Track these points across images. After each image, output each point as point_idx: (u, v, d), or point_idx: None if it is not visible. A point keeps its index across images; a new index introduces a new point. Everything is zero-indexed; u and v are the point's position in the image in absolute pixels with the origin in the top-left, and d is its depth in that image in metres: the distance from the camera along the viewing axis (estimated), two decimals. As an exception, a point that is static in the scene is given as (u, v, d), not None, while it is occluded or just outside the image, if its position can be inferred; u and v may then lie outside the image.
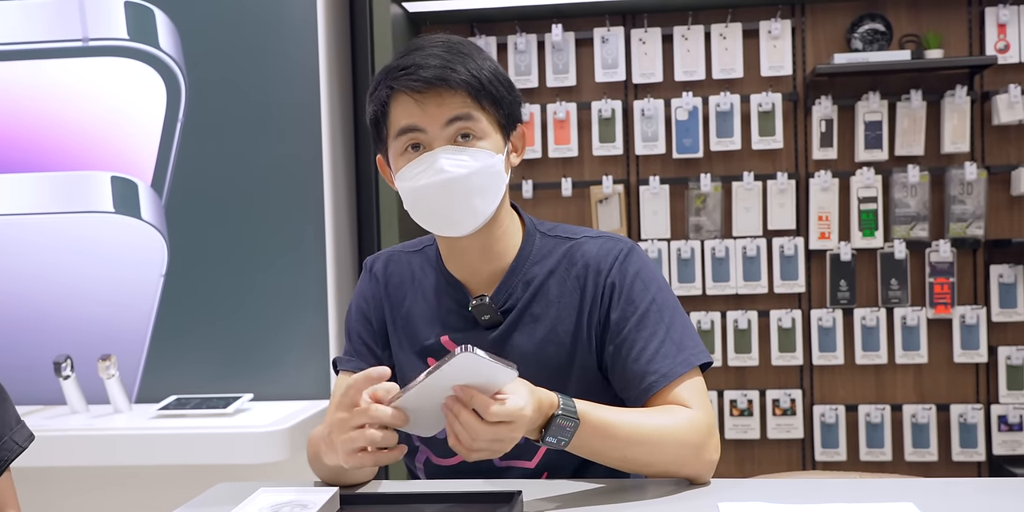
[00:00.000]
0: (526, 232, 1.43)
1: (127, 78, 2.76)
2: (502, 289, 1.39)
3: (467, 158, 1.29)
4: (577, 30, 3.52)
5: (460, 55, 1.30)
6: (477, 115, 1.30)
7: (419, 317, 1.42)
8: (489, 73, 1.31)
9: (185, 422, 2.46)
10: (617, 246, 1.39)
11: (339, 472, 1.28)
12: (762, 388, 3.48)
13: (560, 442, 1.18)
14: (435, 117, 1.28)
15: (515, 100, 1.36)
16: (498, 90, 1.31)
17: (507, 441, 1.12)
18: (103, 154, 2.79)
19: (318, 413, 2.60)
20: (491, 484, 1.31)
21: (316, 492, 1.13)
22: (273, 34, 2.72)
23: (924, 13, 3.43)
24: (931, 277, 3.42)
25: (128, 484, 2.67)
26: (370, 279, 1.49)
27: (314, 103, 2.71)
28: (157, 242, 2.78)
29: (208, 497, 1.31)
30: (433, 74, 1.27)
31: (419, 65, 1.28)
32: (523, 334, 1.37)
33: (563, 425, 1.17)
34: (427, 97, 1.28)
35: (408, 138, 1.30)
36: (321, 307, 2.70)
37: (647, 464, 1.27)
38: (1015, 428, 3.38)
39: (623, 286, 1.36)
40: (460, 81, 1.28)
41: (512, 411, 1.09)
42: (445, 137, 1.29)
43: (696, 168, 3.53)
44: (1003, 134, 3.42)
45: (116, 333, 2.77)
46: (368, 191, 2.95)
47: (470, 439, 1.10)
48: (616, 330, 1.35)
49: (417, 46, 1.32)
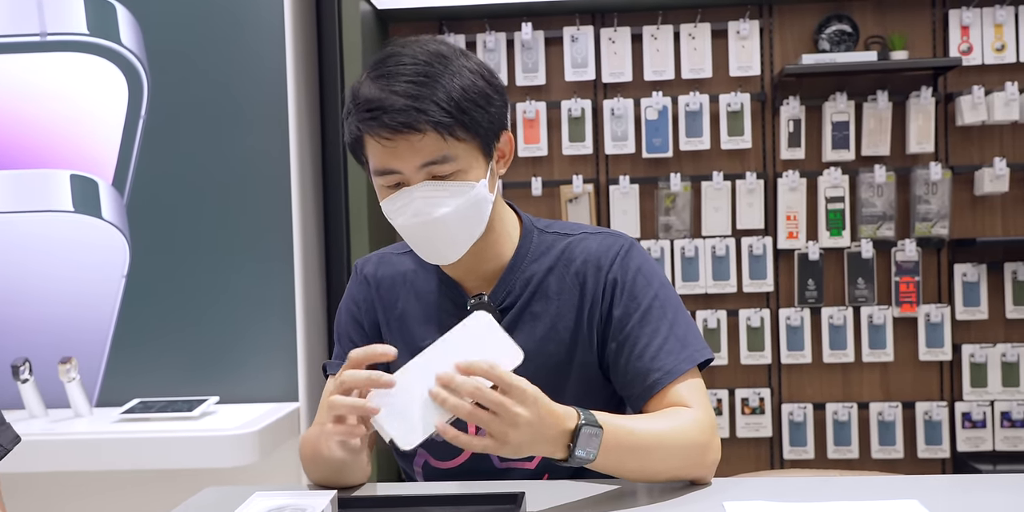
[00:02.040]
0: (523, 230, 1.41)
1: (87, 74, 2.70)
2: (500, 287, 1.36)
3: (446, 195, 1.25)
4: (547, 29, 3.50)
5: (429, 83, 1.22)
6: (453, 152, 1.24)
7: (413, 318, 1.39)
8: (460, 97, 1.23)
9: (150, 426, 2.40)
10: (618, 242, 1.37)
11: (335, 473, 1.25)
12: (731, 387, 3.49)
13: (589, 454, 1.14)
14: (408, 160, 1.23)
15: (495, 115, 1.29)
16: (472, 116, 1.24)
17: (509, 420, 1.07)
18: (62, 152, 2.71)
19: (288, 415, 2.55)
20: (492, 486, 1.28)
21: (314, 495, 1.09)
22: (239, 30, 2.66)
23: (889, 14, 3.46)
24: (897, 276, 3.45)
25: (90, 491, 2.60)
26: (361, 282, 1.46)
27: (281, 101, 2.66)
28: (118, 242, 2.71)
29: (197, 503, 1.26)
30: (399, 121, 1.21)
31: (383, 108, 1.21)
32: (523, 332, 1.35)
33: (590, 434, 1.13)
34: (397, 142, 1.23)
35: (386, 179, 1.27)
36: (288, 308, 2.66)
37: (660, 471, 1.24)
38: (978, 425, 3.43)
39: (625, 282, 1.34)
40: (429, 123, 1.21)
41: (510, 378, 1.07)
42: (422, 176, 1.25)
43: (666, 168, 3.52)
44: (967, 135, 3.47)
45: (76, 335, 2.70)
46: (336, 191, 2.91)
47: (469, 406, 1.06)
48: (619, 327, 1.33)
49: (384, 72, 1.24)
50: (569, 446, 1.13)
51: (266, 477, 2.61)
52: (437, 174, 1.25)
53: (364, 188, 2.92)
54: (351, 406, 1.10)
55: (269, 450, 2.40)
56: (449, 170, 1.25)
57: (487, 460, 1.38)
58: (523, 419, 1.08)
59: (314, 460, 1.29)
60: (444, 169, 1.25)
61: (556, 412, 1.12)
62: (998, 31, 3.39)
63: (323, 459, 1.25)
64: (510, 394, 1.08)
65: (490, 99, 1.28)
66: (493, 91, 1.29)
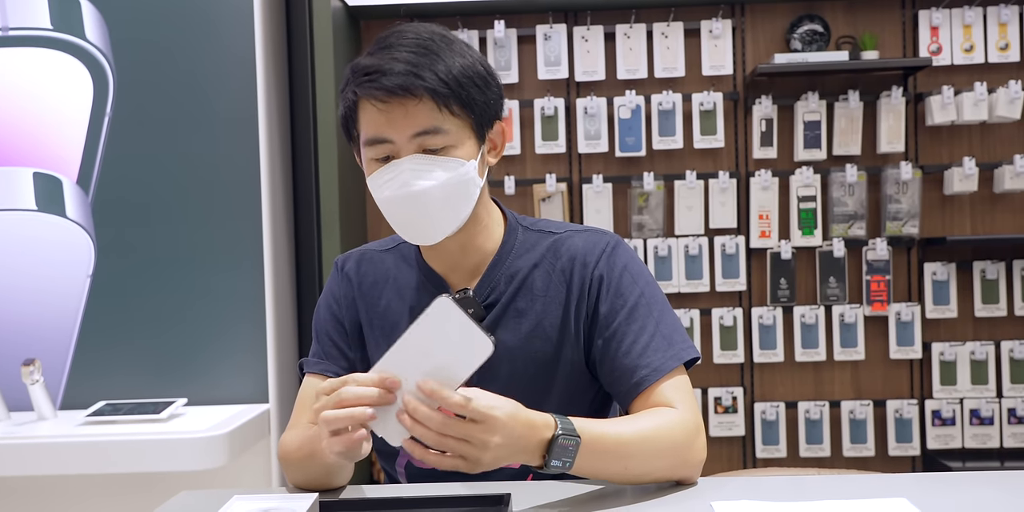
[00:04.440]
0: (508, 226, 1.40)
1: (50, 70, 2.64)
2: (484, 283, 1.34)
3: (435, 168, 1.24)
4: (519, 27, 3.48)
5: (429, 55, 1.23)
6: (446, 126, 1.24)
7: (397, 315, 1.37)
8: (459, 73, 1.24)
9: (116, 429, 2.35)
10: (603, 239, 1.37)
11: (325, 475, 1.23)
12: (704, 386, 3.48)
13: (565, 464, 1.12)
14: (401, 128, 1.23)
15: (491, 99, 1.29)
16: (469, 93, 1.25)
17: (479, 445, 1.05)
18: (25, 149, 2.66)
19: (258, 417, 2.51)
20: (477, 487, 1.25)
21: (295, 499, 1.06)
22: (207, 26, 2.62)
23: (860, 15, 3.48)
24: (868, 275, 3.47)
25: (54, 495, 2.54)
26: (341, 279, 1.43)
27: (251, 97, 2.62)
28: (83, 241, 2.65)
29: (173, 507, 1.22)
30: (396, 82, 1.21)
31: (382, 71, 1.21)
32: (508, 329, 1.33)
33: (565, 445, 1.11)
34: (392, 107, 1.22)
35: (376, 150, 1.25)
36: (258, 308, 2.61)
37: (645, 473, 1.23)
38: (948, 423, 3.45)
39: (611, 279, 1.32)
40: (425, 89, 1.21)
41: (479, 407, 1.04)
42: (412, 148, 1.24)
43: (639, 167, 3.52)
44: (936, 134, 3.49)
45: (39, 335, 2.64)
46: (307, 189, 2.87)
47: (436, 435, 1.03)
48: (605, 323, 1.31)
49: (386, 44, 1.25)
50: (543, 457, 1.11)
51: (235, 480, 2.57)
52: (428, 146, 1.24)
53: (335, 187, 2.88)
54: (347, 417, 1.05)
55: (239, 452, 2.35)
56: (440, 143, 1.24)
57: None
58: (494, 443, 1.06)
59: (306, 464, 1.25)
60: (435, 141, 1.24)
61: (534, 422, 1.10)
62: (967, 32, 3.41)
63: (318, 462, 1.21)
64: (484, 423, 1.05)
65: (488, 83, 1.29)
66: (491, 78, 1.30)
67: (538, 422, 1.11)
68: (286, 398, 2.70)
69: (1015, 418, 3.43)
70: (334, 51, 2.93)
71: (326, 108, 2.88)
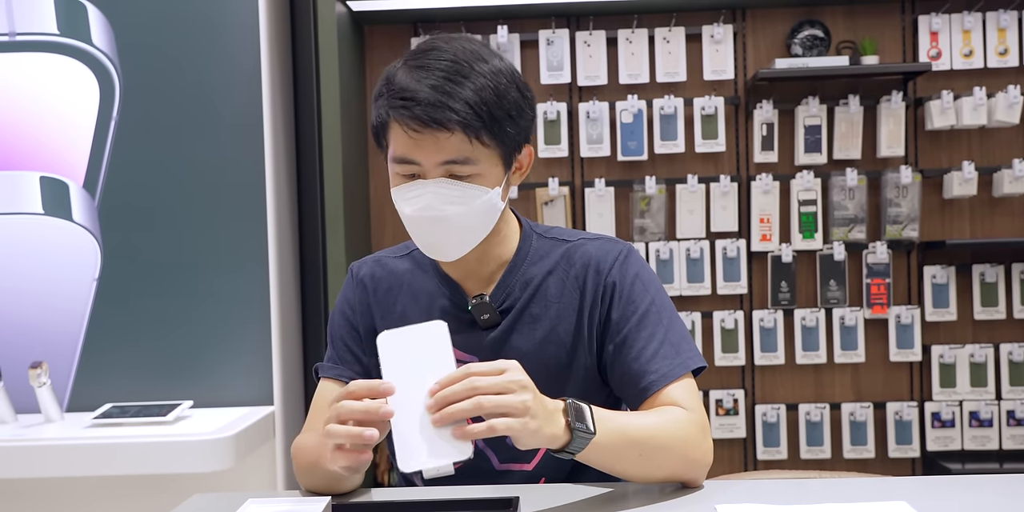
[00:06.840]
0: (523, 233, 1.42)
1: (57, 74, 2.65)
2: (500, 289, 1.37)
3: (458, 194, 1.25)
4: (522, 32, 3.50)
5: (461, 81, 1.22)
6: (474, 156, 1.25)
7: (413, 321, 1.38)
8: (493, 104, 1.23)
9: (123, 431, 2.36)
10: (616, 247, 1.39)
11: (334, 482, 1.24)
12: (706, 388, 3.51)
13: (587, 428, 1.13)
14: (430, 154, 1.24)
15: (522, 125, 1.29)
16: (501, 125, 1.24)
17: (517, 390, 1.06)
18: (31, 153, 2.67)
19: (263, 419, 2.53)
20: (487, 490, 1.27)
21: (309, 502, 1.08)
22: (213, 31, 2.64)
23: (860, 20, 3.51)
24: (868, 278, 3.49)
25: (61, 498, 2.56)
26: (356, 285, 1.46)
27: (256, 102, 2.63)
28: (89, 245, 2.67)
29: (187, 510, 1.24)
30: (428, 114, 1.21)
31: (415, 99, 1.21)
32: (522, 334, 1.36)
33: (576, 407, 1.14)
34: (422, 135, 1.23)
35: (404, 168, 1.27)
36: (263, 310, 2.63)
37: (657, 467, 1.24)
38: (947, 425, 3.47)
39: (624, 286, 1.35)
40: (459, 124, 1.21)
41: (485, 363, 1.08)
42: (439, 172, 1.25)
43: (640, 171, 3.54)
44: (936, 139, 3.52)
45: (46, 337, 2.66)
46: (312, 193, 2.88)
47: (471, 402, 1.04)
48: (616, 329, 1.34)
49: (422, 63, 1.24)
50: (568, 421, 1.12)
51: (241, 482, 2.58)
52: (455, 173, 1.26)
53: (339, 190, 2.90)
54: (348, 435, 1.07)
55: (244, 455, 2.37)
56: (467, 171, 1.26)
57: (486, 461, 1.38)
58: (527, 383, 1.08)
59: (312, 470, 1.27)
60: (463, 170, 1.25)
61: (545, 401, 1.12)
62: (966, 37, 3.44)
63: (323, 471, 1.23)
64: (506, 370, 1.08)
65: (522, 111, 1.29)
66: (526, 103, 1.30)
67: (549, 401, 1.13)
68: (291, 401, 2.71)
69: (1014, 420, 3.45)
70: (339, 56, 2.94)
71: (330, 113, 2.90)
